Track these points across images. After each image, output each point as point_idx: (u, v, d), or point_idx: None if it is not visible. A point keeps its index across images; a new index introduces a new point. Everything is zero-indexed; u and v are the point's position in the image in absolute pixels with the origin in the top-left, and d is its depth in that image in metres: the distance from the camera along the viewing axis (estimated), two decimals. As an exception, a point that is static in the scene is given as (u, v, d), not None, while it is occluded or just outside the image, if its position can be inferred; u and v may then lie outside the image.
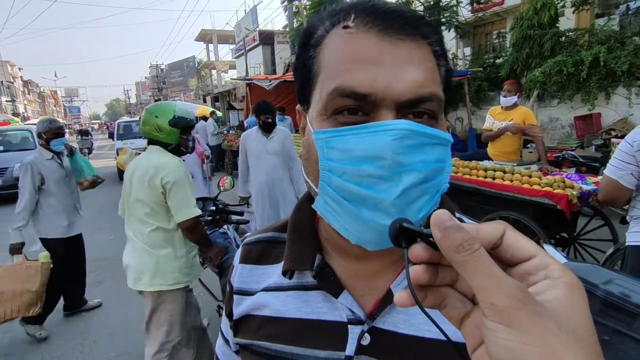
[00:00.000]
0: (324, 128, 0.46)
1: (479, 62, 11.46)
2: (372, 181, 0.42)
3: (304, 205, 0.62)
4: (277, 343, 0.56)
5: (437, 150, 0.44)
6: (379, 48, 0.44)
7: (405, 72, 0.43)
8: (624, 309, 1.30)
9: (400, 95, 0.43)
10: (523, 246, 0.28)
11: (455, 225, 0.28)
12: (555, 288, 0.26)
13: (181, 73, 39.17)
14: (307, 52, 0.50)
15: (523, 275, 0.28)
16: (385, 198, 0.41)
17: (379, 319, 0.52)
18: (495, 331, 0.25)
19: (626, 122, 7.18)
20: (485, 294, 0.26)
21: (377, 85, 0.43)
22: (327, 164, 0.44)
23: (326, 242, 0.58)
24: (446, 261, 0.29)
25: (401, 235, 0.33)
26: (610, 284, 1.40)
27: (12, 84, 42.45)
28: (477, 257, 0.26)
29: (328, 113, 0.46)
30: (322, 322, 0.54)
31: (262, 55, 21.76)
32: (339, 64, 0.45)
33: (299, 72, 0.52)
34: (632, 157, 1.87)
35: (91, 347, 3.03)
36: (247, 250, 0.67)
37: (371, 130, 0.42)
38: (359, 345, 0.51)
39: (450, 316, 0.31)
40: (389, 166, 0.41)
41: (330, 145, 0.44)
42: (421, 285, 0.30)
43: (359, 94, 0.43)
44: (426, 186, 0.43)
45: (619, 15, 8.89)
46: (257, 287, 0.62)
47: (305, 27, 0.52)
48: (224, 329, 0.70)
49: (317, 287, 0.56)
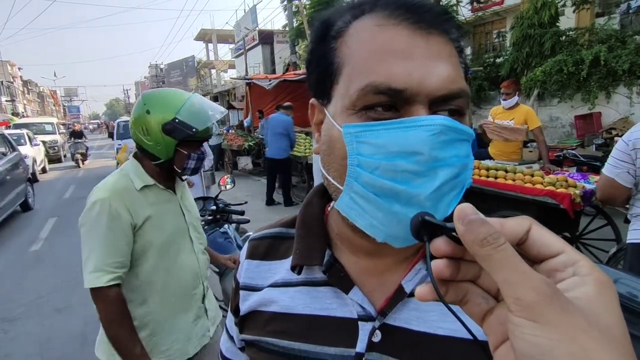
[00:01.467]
0: (352, 123, 0.44)
1: (479, 62, 11.44)
2: (408, 176, 0.41)
3: (313, 201, 0.61)
4: (285, 339, 0.55)
5: (465, 146, 0.44)
6: (411, 41, 0.43)
7: (437, 67, 0.43)
8: (631, 309, 1.29)
9: (434, 90, 0.42)
10: (550, 242, 0.28)
11: (479, 219, 0.27)
12: (584, 285, 0.25)
13: (180, 73, 39.15)
14: (327, 44, 0.48)
15: (550, 272, 0.27)
16: (420, 192, 0.41)
17: (390, 315, 0.51)
18: (522, 327, 0.24)
19: (627, 121, 7.17)
20: (511, 289, 0.25)
21: (411, 80, 0.42)
22: (357, 159, 0.43)
23: (337, 238, 0.57)
24: (469, 256, 0.28)
25: (423, 229, 0.32)
26: (617, 283, 1.39)
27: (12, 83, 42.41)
28: (503, 252, 0.25)
29: (357, 108, 0.44)
30: (331, 318, 0.53)
31: (262, 55, 21.77)
32: (369, 57, 0.44)
33: (316, 64, 0.50)
34: (628, 156, 1.90)
35: (90, 347, 3.01)
36: (253, 245, 0.66)
37: (407, 126, 0.41)
38: (370, 342, 0.50)
39: (472, 313, 0.30)
40: (425, 161, 0.41)
41: (361, 140, 0.43)
42: (443, 280, 0.29)
43: (395, 90, 0.42)
44: (457, 181, 0.43)
45: (620, 14, 8.89)
46: (264, 282, 0.61)
47: (322, 19, 0.51)
48: (229, 325, 0.69)
49: (327, 283, 0.55)
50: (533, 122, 3.97)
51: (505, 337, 0.27)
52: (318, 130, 0.52)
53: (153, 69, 46.20)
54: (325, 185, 0.53)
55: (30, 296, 4.01)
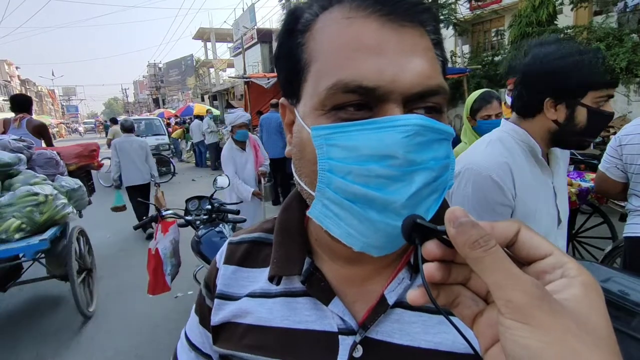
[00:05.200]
0: (322, 124, 0.41)
1: (478, 60, 11.45)
2: (382, 182, 0.38)
3: (292, 205, 0.57)
4: (261, 355, 0.52)
5: (444, 146, 0.42)
6: (381, 35, 0.40)
7: (411, 63, 0.40)
8: (623, 307, 1.29)
9: (408, 88, 0.39)
10: (539, 244, 0.28)
11: (470, 221, 0.27)
12: (572, 287, 0.26)
13: (179, 72, 39.10)
14: (294, 39, 0.45)
15: (539, 273, 0.27)
16: (396, 199, 0.38)
17: (372, 328, 0.48)
18: (512, 329, 0.24)
19: (625, 119, 7.17)
20: (501, 291, 0.25)
21: (383, 78, 0.39)
22: (328, 164, 0.40)
23: (316, 244, 0.54)
24: (459, 259, 0.28)
25: (414, 232, 0.32)
26: (609, 282, 1.39)
27: (9, 83, 42.32)
28: (493, 254, 0.26)
29: (326, 108, 0.41)
30: (310, 332, 0.50)
31: (261, 54, 21.72)
32: (337, 53, 0.41)
33: (283, 61, 0.47)
34: (615, 151, 2.00)
35: (88, 345, 3.01)
36: (231, 250, 0.62)
37: (380, 126, 0.38)
38: (351, 358, 0.47)
39: (463, 315, 0.30)
40: (400, 165, 0.38)
41: (331, 143, 0.40)
42: (434, 284, 0.29)
43: (365, 88, 0.39)
44: (436, 184, 0.41)
45: (617, 13, 8.89)
46: (242, 291, 0.57)
47: (289, 10, 0.47)
48: (192, 333, 0.64)
49: (306, 294, 0.52)
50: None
51: (495, 339, 0.27)
52: (290, 131, 0.49)
53: (151, 68, 46.08)
54: (299, 191, 0.49)
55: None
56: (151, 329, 3.16)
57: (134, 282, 3.88)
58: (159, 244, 2.68)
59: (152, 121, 12.66)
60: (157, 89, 43.11)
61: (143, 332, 3.13)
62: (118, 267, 4.54)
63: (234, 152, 3.72)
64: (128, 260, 4.66)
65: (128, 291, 3.83)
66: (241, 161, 3.76)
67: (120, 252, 4.98)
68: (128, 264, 4.53)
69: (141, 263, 3.03)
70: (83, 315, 3.21)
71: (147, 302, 3.31)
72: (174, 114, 20.55)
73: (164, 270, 2.70)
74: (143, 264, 2.81)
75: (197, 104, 19.99)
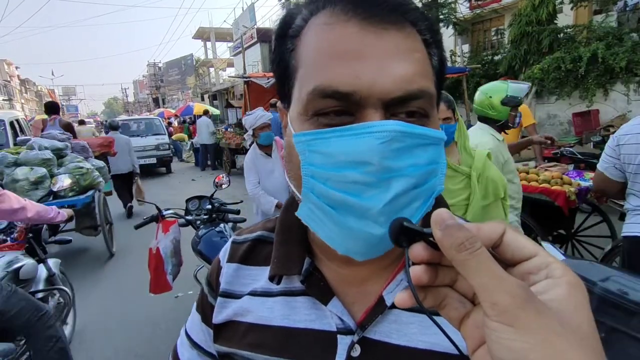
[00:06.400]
0: (305, 130, 0.42)
1: (478, 59, 11.45)
2: (358, 188, 0.38)
3: (293, 205, 0.57)
4: (261, 353, 0.52)
5: (429, 152, 0.41)
6: (360, 39, 0.39)
7: (391, 66, 0.39)
8: (622, 306, 1.29)
9: (387, 92, 0.39)
10: (523, 245, 0.28)
11: (456, 224, 0.27)
12: (557, 287, 0.26)
13: (179, 71, 39.07)
14: (285, 44, 0.46)
15: (524, 274, 0.27)
16: (372, 206, 0.38)
17: (370, 328, 0.49)
18: (498, 331, 0.25)
19: (624, 118, 7.17)
20: (487, 293, 0.25)
21: (361, 83, 0.39)
22: (309, 170, 0.41)
23: (314, 245, 0.54)
24: (446, 261, 0.28)
25: (402, 234, 0.32)
26: (608, 281, 1.39)
27: (9, 82, 42.29)
28: (479, 256, 0.26)
29: (309, 114, 0.42)
30: (309, 331, 0.51)
31: (260, 53, 21.68)
32: (316, 59, 0.41)
33: (276, 66, 0.48)
34: (614, 151, 2.00)
35: (88, 344, 3.02)
36: (234, 248, 0.63)
37: (356, 132, 0.38)
38: (349, 357, 0.48)
39: (450, 317, 0.30)
40: (376, 172, 0.38)
41: (312, 149, 0.41)
42: (421, 286, 0.30)
43: (341, 93, 0.39)
44: (417, 192, 0.40)
45: (617, 12, 8.88)
46: (244, 290, 0.58)
47: (283, 15, 0.48)
48: (193, 331, 0.64)
49: (306, 293, 0.53)
50: (527, 120, 3.98)
51: (482, 341, 0.27)
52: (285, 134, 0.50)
53: (151, 68, 46.02)
54: (291, 193, 0.50)
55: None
56: (151, 329, 3.16)
57: (134, 281, 3.88)
58: (159, 243, 2.68)
59: (152, 121, 12.63)
60: (157, 88, 43.07)
61: (143, 331, 3.13)
62: (119, 266, 4.55)
63: (257, 159, 3.11)
64: (126, 260, 4.68)
65: (129, 290, 3.84)
66: (266, 169, 3.11)
67: (119, 251, 4.99)
68: (126, 264, 4.55)
69: (141, 262, 3.03)
70: (110, 252, 4.76)
71: (147, 301, 3.31)
72: (174, 114, 20.56)
73: (165, 269, 2.70)
74: (142, 263, 2.82)
75: (197, 104, 20.00)
